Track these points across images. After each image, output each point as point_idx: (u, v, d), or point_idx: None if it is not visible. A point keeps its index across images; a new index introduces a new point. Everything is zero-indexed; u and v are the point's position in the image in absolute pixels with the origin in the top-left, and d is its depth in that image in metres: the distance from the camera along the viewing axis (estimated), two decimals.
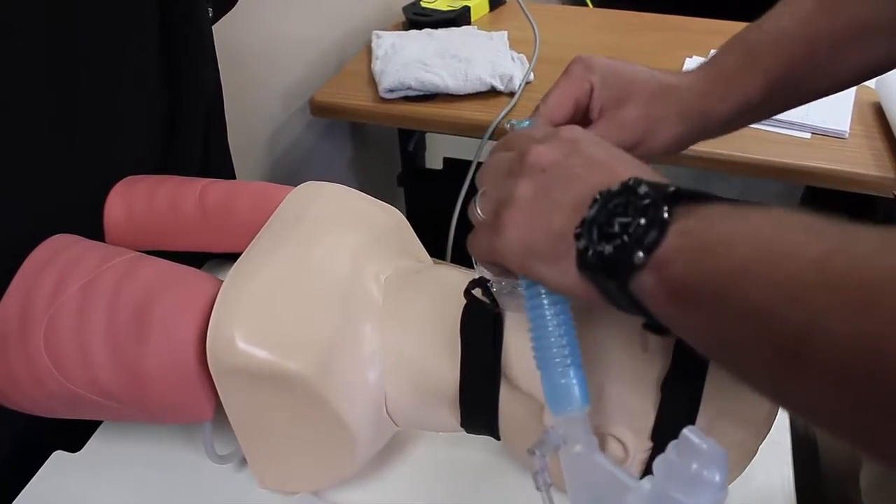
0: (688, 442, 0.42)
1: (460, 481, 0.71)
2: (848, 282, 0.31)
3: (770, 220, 0.37)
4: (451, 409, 0.62)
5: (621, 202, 0.41)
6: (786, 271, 0.33)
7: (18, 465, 0.72)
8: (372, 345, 0.62)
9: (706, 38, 1.50)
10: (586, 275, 0.43)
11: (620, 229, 0.40)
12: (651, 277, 0.39)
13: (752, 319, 0.34)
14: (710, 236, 0.38)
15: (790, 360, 0.33)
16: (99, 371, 0.61)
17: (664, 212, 0.39)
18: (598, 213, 0.42)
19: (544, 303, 0.49)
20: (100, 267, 0.64)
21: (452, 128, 1.33)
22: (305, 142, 1.47)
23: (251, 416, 0.62)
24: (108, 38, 0.77)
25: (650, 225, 0.39)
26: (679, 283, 0.38)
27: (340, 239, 0.66)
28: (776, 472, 0.70)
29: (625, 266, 0.40)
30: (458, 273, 0.65)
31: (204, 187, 0.77)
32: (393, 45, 1.43)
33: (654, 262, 0.39)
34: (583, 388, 0.49)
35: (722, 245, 0.37)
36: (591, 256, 0.41)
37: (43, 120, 0.72)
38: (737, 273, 0.35)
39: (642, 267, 0.39)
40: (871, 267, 0.31)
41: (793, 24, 0.62)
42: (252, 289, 0.60)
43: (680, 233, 0.39)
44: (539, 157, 0.47)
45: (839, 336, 0.30)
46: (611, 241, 0.41)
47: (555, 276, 0.45)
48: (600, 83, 0.61)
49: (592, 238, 0.42)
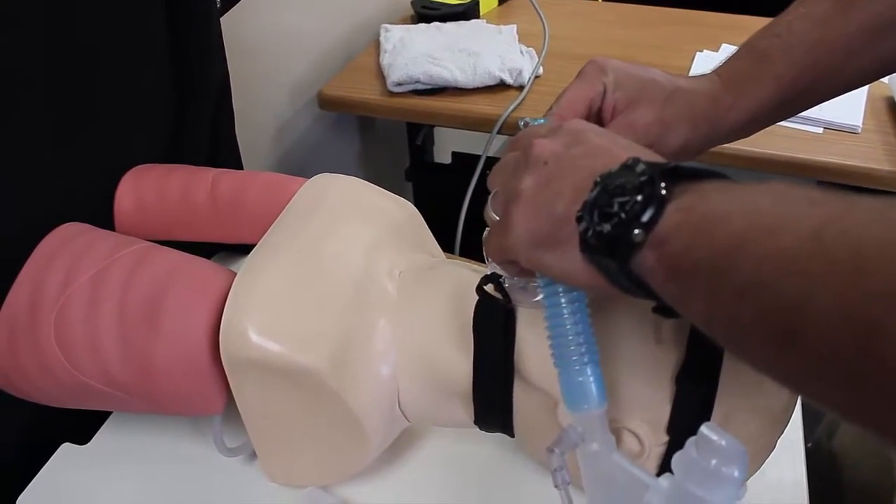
0: (706, 438, 0.41)
1: (470, 477, 0.70)
2: (840, 253, 0.30)
3: (768, 193, 0.36)
4: (465, 405, 0.62)
5: (620, 182, 0.41)
6: (780, 243, 0.33)
7: (27, 457, 0.72)
8: (385, 339, 0.62)
9: (717, 32, 1.50)
10: (588, 257, 0.43)
11: (619, 208, 0.40)
12: (651, 255, 0.39)
13: (747, 294, 0.34)
14: (707, 212, 0.38)
15: (785, 334, 0.32)
16: (109, 362, 0.60)
17: (661, 188, 0.39)
18: (598, 195, 0.42)
19: (561, 300, 0.48)
20: (111, 256, 0.63)
21: (461, 122, 1.32)
22: (313, 135, 1.47)
23: (262, 409, 0.62)
24: (116, 29, 0.77)
25: (647, 201, 0.39)
26: (678, 259, 0.38)
27: (354, 232, 0.65)
28: (789, 468, 0.69)
29: (624, 244, 0.40)
30: (470, 269, 0.65)
31: (216, 178, 0.76)
32: (401, 39, 1.43)
33: (654, 239, 0.39)
34: (600, 386, 0.48)
35: (719, 220, 0.37)
36: (591, 237, 0.42)
37: (52, 110, 0.71)
38: (733, 248, 0.35)
39: (642, 245, 0.39)
40: (864, 237, 0.30)
41: (806, 27, 0.61)
42: (266, 282, 0.59)
43: (678, 209, 0.39)
44: (542, 149, 0.48)
45: (830, 308, 0.30)
46: (610, 220, 0.41)
47: (560, 263, 0.45)
48: (613, 85, 0.61)
49: (593, 219, 0.42)
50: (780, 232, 0.34)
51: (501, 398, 0.60)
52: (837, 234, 0.31)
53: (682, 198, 0.39)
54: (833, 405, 0.32)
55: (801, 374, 0.33)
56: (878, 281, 0.29)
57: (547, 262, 0.46)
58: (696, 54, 1.42)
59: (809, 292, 0.31)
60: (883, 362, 0.28)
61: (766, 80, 0.61)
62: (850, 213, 0.32)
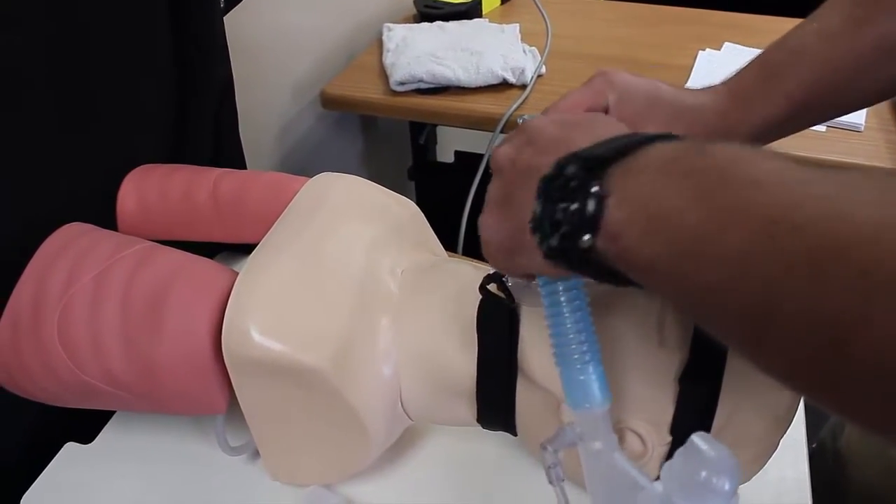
0: (696, 448, 0.41)
1: (473, 475, 0.70)
2: (796, 251, 0.30)
3: (717, 173, 0.36)
4: (467, 404, 0.62)
5: (558, 187, 0.41)
6: (734, 243, 0.32)
7: (31, 456, 0.72)
8: (387, 338, 0.62)
9: (719, 30, 1.50)
10: (552, 263, 0.43)
11: (563, 216, 0.40)
12: (609, 250, 0.39)
13: (712, 296, 0.34)
14: (652, 205, 0.37)
15: (754, 335, 0.32)
16: (112, 361, 0.61)
17: (593, 188, 0.39)
18: (543, 206, 0.42)
19: (561, 299, 0.48)
20: (114, 256, 0.63)
21: (464, 121, 1.32)
22: (316, 134, 1.47)
23: (265, 408, 0.62)
24: (119, 29, 0.77)
25: (584, 205, 0.39)
26: (634, 254, 0.38)
27: (356, 231, 0.65)
28: (791, 467, 0.69)
29: (576, 252, 0.40)
30: (473, 267, 0.65)
31: (218, 177, 0.77)
32: (404, 38, 1.43)
33: (605, 236, 0.39)
34: (603, 384, 0.48)
35: (668, 215, 0.36)
36: (546, 249, 0.42)
37: (55, 110, 0.71)
38: (687, 247, 0.35)
39: (592, 247, 0.40)
40: (815, 230, 0.30)
41: (818, 43, 0.61)
42: (268, 281, 0.59)
43: (622, 200, 0.38)
44: (499, 157, 0.49)
45: (798, 315, 0.30)
46: (558, 230, 0.41)
47: (531, 265, 0.46)
48: (617, 100, 0.60)
49: (545, 231, 0.42)
50: (733, 228, 0.33)
51: (504, 397, 0.60)
52: (788, 230, 0.31)
53: (622, 188, 0.39)
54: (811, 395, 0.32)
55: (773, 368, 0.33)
56: (838, 284, 0.28)
57: (521, 265, 0.47)
58: (699, 53, 1.42)
59: (774, 298, 0.31)
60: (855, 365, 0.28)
61: (776, 97, 0.60)
62: (800, 203, 0.31)
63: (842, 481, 0.87)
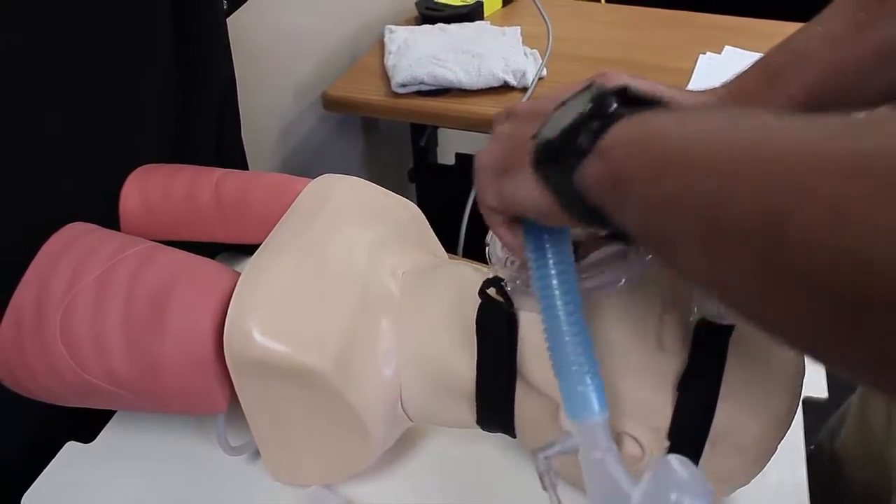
0: (669, 469, 0.42)
1: (472, 476, 0.70)
2: (759, 153, 0.32)
3: (708, 114, 0.39)
4: (467, 406, 0.62)
5: (576, 102, 0.44)
6: (709, 150, 0.35)
7: (31, 455, 0.72)
8: (388, 340, 0.62)
9: (719, 33, 1.50)
10: (538, 173, 0.45)
11: (572, 119, 0.43)
12: (596, 164, 0.41)
13: (675, 199, 0.36)
14: (649, 127, 0.40)
15: (709, 234, 0.34)
16: (114, 361, 0.61)
17: (612, 102, 0.42)
18: (553, 115, 0.45)
19: (558, 304, 0.49)
20: (116, 256, 0.64)
21: (465, 123, 1.32)
22: (317, 136, 1.47)
23: (266, 408, 0.62)
24: (122, 29, 0.77)
25: (595, 112, 0.42)
26: (618, 167, 0.40)
27: (358, 233, 0.66)
28: (789, 469, 0.69)
29: (570, 151, 0.42)
30: (473, 269, 0.65)
31: (220, 178, 0.77)
32: (406, 40, 1.43)
33: (599, 149, 0.41)
34: (601, 395, 0.49)
35: (659, 133, 0.39)
36: (541, 147, 0.45)
37: (58, 110, 0.72)
38: (666, 157, 0.37)
39: (587, 151, 0.42)
40: (782, 138, 0.32)
41: (820, 46, 0.61)
42: (270, 282, 0.60)
43: (626, 123, 0.41)
44: (519, 106, 0.52)
45: (748, 203, 0.31)
46: (561, 129, 0.44)
47: (515, 188, 0.48)
48: None
49: (544, 133, 0.45)
50: (709, 142, 0.36)
51: (504, 400, 0.60)
52: (759, 142, 0.33)
53: (633, 117, 0.42)
54: (752, 306, 0.33)
55: (724, 274, 0.34)
56: (784, 177, 0.30)
57: (506, 190, 0.49)
58: (700, 56, 1.42)
59: (729, 190, 0.32)
60: (791, 254, 0.29)
61: (777, 99, 0.60)
62: (774, 123, 0.34)
63: (839, 483, 0.87)
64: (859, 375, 0.30)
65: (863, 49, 0.59)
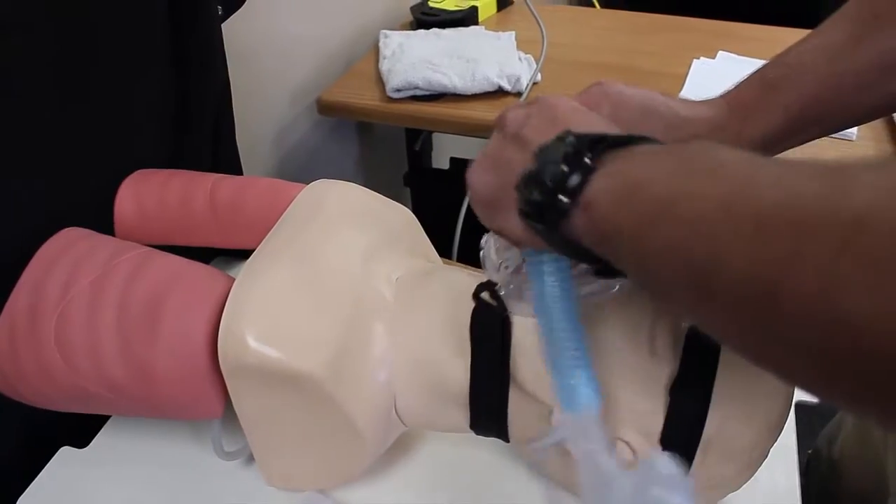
0: (650, 465, 0.42)
1: (467, 481, 0.71)
2: (745, 216, 0.32)
3: (688, 158, 0.39)
4: (461, 410, 0.63)
5: (553, 154, 0.44)
6: (694, 209, 0.35)
7: (26, 460, 0.72)
8: (382, 345, 0.62)
9: (713, 39, 1.50)
10: (525, 222, 0.46)
11: (550, 177, 0.43)
12: (581, 219, 0.42)
13: (665, 257, 0.37)
14: (632, 178, 0.41)
15: (702, 292, 0.35)
16: (109, 366, 0.61)
17: (587, 157, 0.42)
18: (533, 167, 0.45)
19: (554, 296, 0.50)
20: (111, 261, 0.64)
21: (459, 128, 1.33)
22: (313, 141, 1.47)
23: (261, 413, 0.62)
24: (118, 35, 0.78)
25: (573, 169, 0.43)
26: (604, 223, 0.41)
27: (352, 238, 0.66)
28: (782, 474, 0.70)
29: (552, 210, 0.43)
30: (467, 274, 0.66)
31: (215, 183, 0.77)
32: (400, 45, 1.43)
33: (582, 204, 0.42)
34: (595, 387, 0.49)
35: (642, 185, 0.39)
36: (525, 204, 0.45)
37: (54, 116, 0.72)
38: (653, 212, 0.38)
39: (568, 210, 0.43)
40: (764, 204, 0.32)
41: (817, 60, 0.61)
42: (264, 287, 0.60)
43: (605, 174, 0.42)
44: (506, 119, 0.52)
45: (738, 271, 0.32)
46: (541, 188, 0.44)
47: (506, 224, 0.49)
48: (611, 111, 0.59)
49: (528, 188, 0.45)
50: (694, 198, 0.36)
51: (497, 404, 0.60)
52: (741, 201, 0.33)
53: (611, 165, 0.42)
54: (750, 354, 0.34)
55: (719, 327, 0.36)
56: (774, 245, 0.30)
57: (498, 223, 0.51)
58: (693, 61, 1.43)
59: (720, 256, 0.33)
60: (784, 320, 0.30)
61: (774, 109, 0.60)
62: (755, 180, 0.34)
63: (836, 490, 0.88)
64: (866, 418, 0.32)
65: (859, 62, 0.60)
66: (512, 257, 0.57)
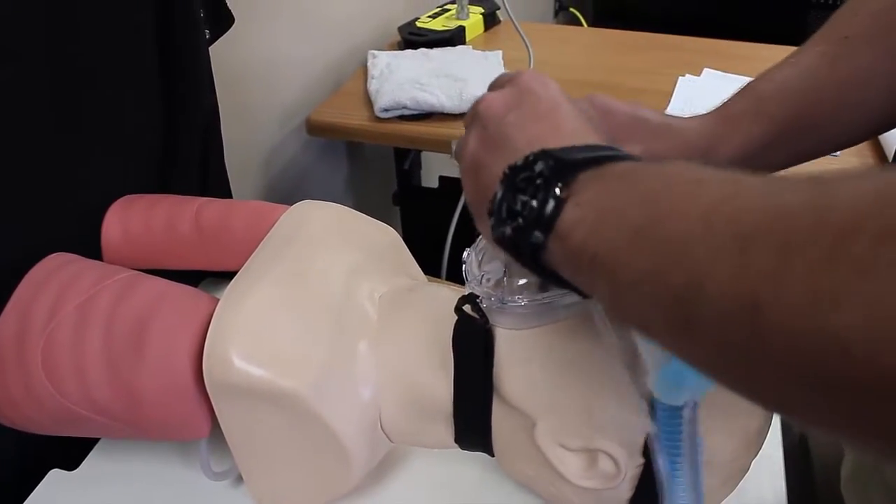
0: None
1: (454, 497, 0.71)
2: (725, 236, 0.31)
3: (664, 178, 0.38)
4: (446, 425, 0.63)
5: (523, 179, 0.43)
6: (671, 231, 0.34)
7: (15, 484, 0.72)
8: (366, 362, 0.63)
9: (699, 56, 1.52)
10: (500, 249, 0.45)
11: (521, 207, 0.42)
12: (556, 249, 0.41)
13: (642, 284, 0.35)
14: (605, 204, 0.39)
15: (681, 320, 0.33)
16: (96, 389, 0.61)
17: (557, 189, 0.41)
18: (504, 191, 0.44)
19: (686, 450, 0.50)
20: (97, 285, 0.64)
21: (448, 147, 1.33)
22: (302, 161, 1.48)
23: (247, 433, 0.62)
24: (106, 59, 0.78)
25: (543, 204, 0.41)
26: (580, 253, 0.39)
27: (335, 257, 0.66)
28: (768, 486, 0.70)
29: (526, 246, 0.42)
30: (450, 290, 0.66)
31: (200, 207, 0.78)
32: (388, 65, 1.44)
33: (556, 235, 0.40)
34: None
35: (615, 211, 0.38)
36: (498, 236, 0.44)
37: (41, 140, 0.72)
38: (628, 239, 0.36)
39: (543, 244, 0.41)
40: (745, 218, 0.31)
41: (797, 74, 0.62)
42: (248, 307, 0.60)
43: (578, 204, 0.40)
44: (485, 108, 0.50)
45: (719, 292, 0.30)
46: (514, 220, 0.42)
47: (488, 236, 0.47)
48: (598, 118, 0.60)
49: (501, 216, 0.44)
50: (671, 219, 0.34)
51: (481, 417, 0.61)
52: (723, 217, 0.32)
53: (583, 191, 0.40)
54: (735, 386, 0.33)
55: (701, 356, 0.34)
56: (758, 260, 0.29)
57: (482, 228, 0.49)
58: (679, 78, 1.44)
59: (699, 278, 0.31)
60: (769, 340, 0.28)
61: (761, 116, 0.61)
62: (736, 194, 0.33)
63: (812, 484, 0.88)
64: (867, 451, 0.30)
65: (836, 78, 0.61)
66: (494, 269, 0.58)
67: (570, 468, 0.57)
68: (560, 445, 0.56)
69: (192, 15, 0.87)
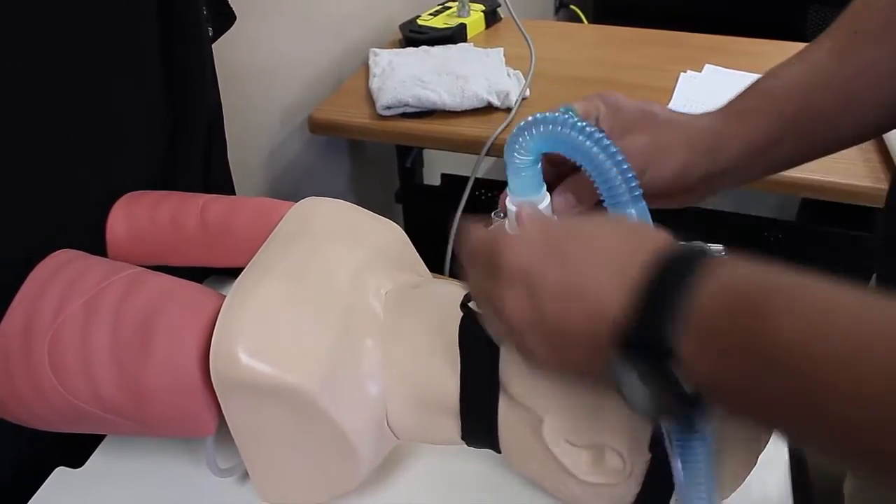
0: None
1: (461, 494, 0.71)
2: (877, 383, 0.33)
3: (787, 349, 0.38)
4: (453, 422, 0.63)
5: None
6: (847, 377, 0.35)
7: (21, 482, 0.72)
8: (373, 359, 0.63)
9: (700, 52, 1.52)
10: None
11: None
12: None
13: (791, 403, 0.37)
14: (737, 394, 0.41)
15: (879, 469, 0.35)
16: (102, 386, 0.61)
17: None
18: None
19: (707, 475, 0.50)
20: (103, 282, 0.64)
21: (450, 144, 1.34)
22: (304, 159, 1.48)
23: (253, 429, 0.63)
24: (111, 56, 0.78)
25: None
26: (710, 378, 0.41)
27: (341, 254, 0.66)
28: (774, 487, 0.70)
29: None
30: (456, 287, 0.66)
31: (205, 203, 0.78)
32: (390, 63, 1.44)
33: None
34: None
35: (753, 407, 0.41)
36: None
37: (46, 137, 0.73)
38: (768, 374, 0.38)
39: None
40: None
41: (805, 69, 0.62)
42: (254, 304, 0.60)
43: (698, 342, 0.41)
44: (513, 262, 0.49)
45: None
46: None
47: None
48: (608, 112, 0.60)
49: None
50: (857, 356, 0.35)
51: (487, 414, 0.61)
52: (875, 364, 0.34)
53: (697, 362, 0.41)
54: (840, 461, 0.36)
55: (829, 449, 0.37)
56: None
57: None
58: (680, 75, 1.44)
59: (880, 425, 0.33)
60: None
61: (768, 111, 0.61)
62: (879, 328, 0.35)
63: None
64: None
65: (844, 74, 0.61)
66: None
67: (576, 464, 0.57)
68: (567, 441, 0.57)
69: (196, 12, 0.87)
